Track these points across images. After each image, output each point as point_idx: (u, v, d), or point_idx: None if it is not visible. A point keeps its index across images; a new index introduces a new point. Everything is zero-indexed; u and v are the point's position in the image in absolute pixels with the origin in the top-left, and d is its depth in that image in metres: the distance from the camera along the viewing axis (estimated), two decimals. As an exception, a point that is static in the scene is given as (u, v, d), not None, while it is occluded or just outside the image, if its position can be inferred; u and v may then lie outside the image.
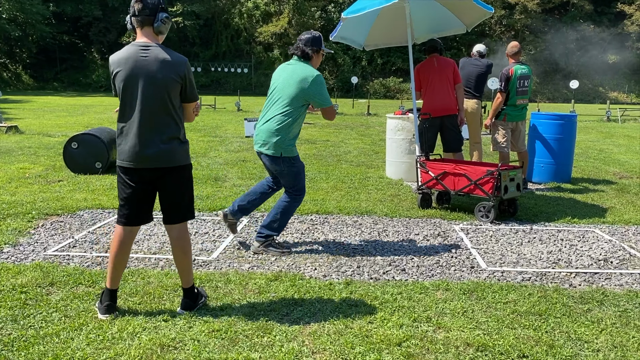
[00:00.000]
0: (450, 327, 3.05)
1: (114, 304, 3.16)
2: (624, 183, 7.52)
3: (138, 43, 3.00)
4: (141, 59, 2.95)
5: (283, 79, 4.24)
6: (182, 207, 3.16)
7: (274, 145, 4.16)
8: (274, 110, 4.22)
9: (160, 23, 3.00)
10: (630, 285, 3.77)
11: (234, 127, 14.34)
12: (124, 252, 3.14)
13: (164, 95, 2.98)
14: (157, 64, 2.95)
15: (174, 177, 3.10)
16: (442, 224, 5.27)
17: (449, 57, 6.77)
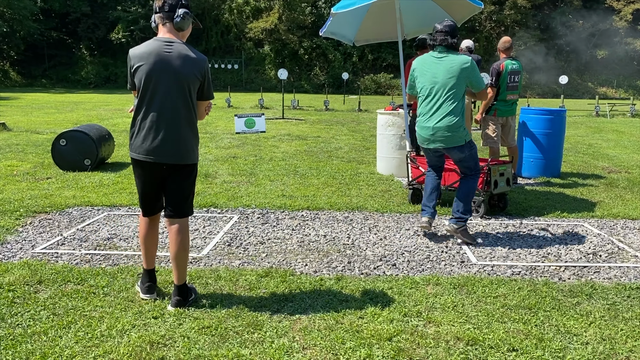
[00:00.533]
0: (440, 322, 3.06)
1: (154, 284, 3.31)
2: (612, 177, 7.58)
3: (161, 38, 3.03)
4: (165, 54, 2.98)
5: (442, 73, 4.40)
6: (187, 202, 3.21)
7: (458, 137, 4.42)
8: (446, 105, 4.39)
9: (180, 18, 3.01)
10: (618, 278, 3.80)
11: (224, 123, 14.28)
12: (151, 235, 3.30)
13: (185, 91, 3.02)
14: (180, 59, 2.99)
15: (185, 173, 3.15)
16: (433, 219, 5.28)
17: None
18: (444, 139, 4.42)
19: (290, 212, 5.45)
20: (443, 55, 4.43)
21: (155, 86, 2.99)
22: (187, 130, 3.08)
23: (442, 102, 4.39)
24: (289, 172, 7.51)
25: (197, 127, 3.17)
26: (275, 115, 17.13)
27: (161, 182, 3.18)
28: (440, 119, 4.40)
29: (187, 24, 3.08)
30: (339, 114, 18.79)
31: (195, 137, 3.14)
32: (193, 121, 3.11)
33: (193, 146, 3.13)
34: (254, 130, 11.32)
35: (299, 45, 40.33)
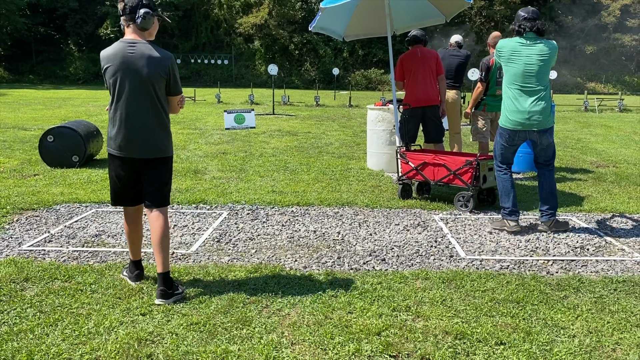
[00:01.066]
0: (429, 316, 3.07)
1: (142, 272, 3.48)
2: (600, 172, 7.64)
3: (126, 40, 3.21)
4: (128, 55, 3.15)
5: (539, 57, 4.51)
6: (162, 193, 3.35)
7: (551, 120, 4.60)
8: (541, 89, 4.54)
9: (141, 19, 3.15)
10: (605, 271, 3.84)
11: (214, 119, 14.23)
12: (135, 228, 3.45)
13: (149, 89, 3.18)
14: (143, 59, 3.15)
15: (158, 166, 3.31)
16: (422, 214, 5.30)
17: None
18: (538, 122, 4.54)
19: (280, 208, 5.44)
20: (533, 42, 4.55)
21: (121, 86, 3.17)
22: (155, 125, 3.24)
23: (536, 86, 4.53)
24: (279, 168, 7.50)
25: (168, 122, 3.33)
26: (265, 111, 17.08)
27: (136, 175, 3.33)
28: (536, 102, 4.53)
29: (150, 23, 3.20)
30: (329, 109, 18.77)
31: (164, 131, 3.29)
32: (162, 117, 3.27)
33: (163, 140, 3.28)
34: (243, 126, 11.28)
35: (290, 40, 40.21)
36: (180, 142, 9.91)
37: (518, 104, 4.57)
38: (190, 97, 21.72)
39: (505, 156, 4.82)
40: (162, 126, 3.27)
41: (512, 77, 4.61)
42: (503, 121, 4.69)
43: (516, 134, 4.64)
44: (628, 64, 42.74)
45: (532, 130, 4.58)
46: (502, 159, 4.83)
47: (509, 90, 4.64)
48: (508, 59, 4.61)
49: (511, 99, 4.61)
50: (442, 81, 6.52)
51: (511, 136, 4.68)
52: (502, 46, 4.66)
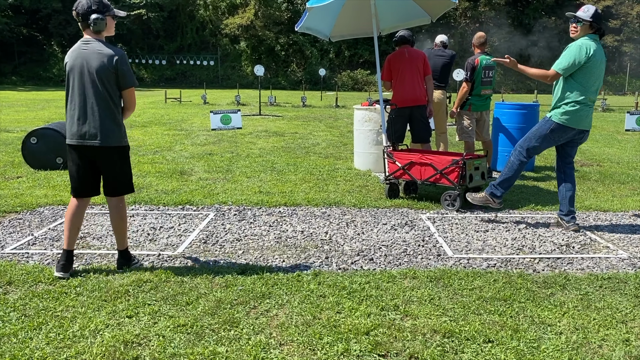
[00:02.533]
0: (417, 315, 3.07)
1: (70, 264, 3.58)
2: (584, 170, 7.72)
3: (82, 39, 3.55)
4: (82, 52, 3.48)
5: (604, 62, 4.59)
6: (121, 182, 3.64)
7: None
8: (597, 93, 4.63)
9: (93, 24, 3.45)
10: (591, 269, 3.87)
11: (200, 120, 14.15)
12: (77, 218, 3.63)
13: (97, 82, 3.45)
14: (93, 55, 3.45)
15: (111, 156, 3.56)
16: (410, 213, 5.31)
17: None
18: (591, 122, 4.67)
19: (267, 208, 5.42)
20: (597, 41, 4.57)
21: (74, 79, 3.49)
22: (104, 116, 3.48)
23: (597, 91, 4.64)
24: (266, 169, 7.47)
25: (118, 114, 3.56)
26: (252, 111, 17.03)
27: (92, 166, 3.59)
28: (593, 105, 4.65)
29: (102, 26, 3.48)
30: (316, 110, 18.77)
31: (114, 122, 3.53)
32: (111, 109, 3.51)
33: (113, 130, 3.52)
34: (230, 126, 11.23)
35: (276, 41, 40.17)
36: (166, 143, 9.83)
37: (586, 105, 4.57)
38: (176, 98, 21.59)
39: (539, 150, 4.80)
40: (112, 117, 3.51)
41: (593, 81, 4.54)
42: (562, 118, 4.58)
43: (569, 132, 4.62)
44: (610, 65, 43.32)
45: (585, 130, 4.64)
46: (535, 151, 4.79)
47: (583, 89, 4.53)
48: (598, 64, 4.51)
49: (579, 100, 4.53)
50: (430, 81, 6.54)
51: (563, 134, 4.63)
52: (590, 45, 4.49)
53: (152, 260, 3.92)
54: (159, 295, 3.29)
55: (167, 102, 21.02)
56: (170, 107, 18.55)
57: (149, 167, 7.45)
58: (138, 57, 40.09)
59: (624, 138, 11.75)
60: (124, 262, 3.74)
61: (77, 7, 3.47)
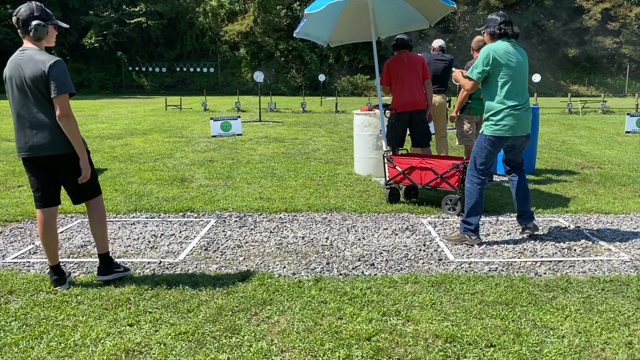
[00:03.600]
0: (419, 320, 3.06)
1: (62, 276, 3.54)
2: (585, 173, 7.71)
3: (20, 48, 3.42)
4: (19, 60, 3.36)
5: (524, 63, 4.47)
6: (90, 185, 3.55)
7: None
8: (527, 95, 4.53)
9: (34, 30, 3.34)
10: (592, 271, 3.86)
11: (200, 127, 14.17)
12: (50, 232, 3.52)
13: (34, 90, 3.32)
14: (29, 63, 3.33)
15: (63, 163, 3.44)
16: (410, 217, 5.30)
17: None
18: (528, 127, 4.54)
19: (268, 214, 5.42)
20: (516, 47, 4.49)
21: (13, 89, 3.38)
22: (47, 123, 3.35)
23: (525, 92, 4.52)
24: (267, 175, 7.47)
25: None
26: (252, 118, 17.06)
27: (48, 175, 3.48)
28: (528, 108, 4.52)
29: (43, 33, 3.38)
30: (316, 115, 18.79)
31: (58, 129, 3.36)
32: (51, 116, 3.35)
33: (54, 138, 3.36)
34: (230, 133, 11.23)
35: (275, 47, 40.28)
36: (167, 150, 9.85)
37: (519, 109, 4.39)
38: (177, 106, 21.63)
39: (488, 166, 4.52)
40: (51, 125, 3.36)
41: (507, 82, 4.39)
42: (493, 130, 4.40)
43: (505, 140, 4.46)
44: (610, 67, 43.39)
45: (521, 135, 4.45)
46: (484, 168, 4.50)
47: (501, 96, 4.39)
48: (505, 63, 4.36)
49: (512, 106, 4.37)
50: (429, 86, 6.55)
51: (498, 143, 4.46)
52: (496, 48, 4.39)
53: (153, 268, 3.91)
54: (160, 303, 3.28)
55: (168, 109, 21.06)
56: (171, 115, 18.58)
57: (149, 174, 7.45)
58: (138, 65, 40.23)
59: (624, 140, 11.74)
60: (104, 269, 3.58)
61: (17, 13, 3.36)
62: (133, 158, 8.92)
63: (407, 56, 6.41)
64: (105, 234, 3.64)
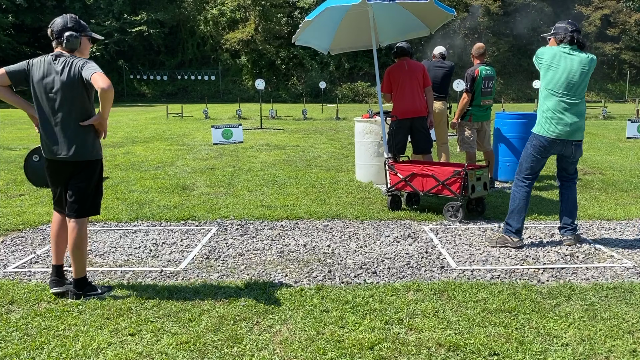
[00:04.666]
0: (421, 328, 3.05)
1: (61, 279, 3.55)
2: (587, 179, 7.70)
3: (53, 53, 3.44)
4: (53, 64, 3.38)
5: (580, 67, 4.41)
6: (77, 201, 3.46)
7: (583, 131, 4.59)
8: (582, 99, 4.49)
9: (66, 41, 3.38)
10: (596, 278, 3.84)
11: (201, 134, 14.18)
12: (62, 233, 3.55)
13: (66, 93, 3.35)
14: (62, 67, 3.35)
15: (81, 169, 3.47)
16: (412, 225, 5.29)
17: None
18: (579, 133, 4.52)
19: (269, 222, 5.41)
20: (576, 52, 4.46)
21: (42, 92, 3.43)
22: (72, 129, 3.38)
23: (576, 97, 4.45)
24: (268, 182, 7.47)
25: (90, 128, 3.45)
26: (253, 125, 17.08)
27: (69, 180, 3.48)
28: (580, 114, 4.49)
29: (76, 44, 3.41)
30: (317, 122, 18.81)
31: (83, 133, 3.40)
32: (79, 120, 3.40)
33: (85, 143, 3.41)
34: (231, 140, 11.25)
35: (276, 55, 40.41)
36: (168, 158, 9.85)
37: (560, 114, 4.43)
38: (178, 113, 21.67)
39: (535, 169, 4.57)
40: (82, 130, 3.41)
41: (552, 85, 4.45)
42: (542, 131, 4.47)
43: (554, 145, 4.47)
44: (610, 73, 43.45)
45: (570, 140, 4.46)
46: (531, 171, 4.56)
47: (549, 99, 4.46)
48: (549, 65, 4.44)
49: (551, 109, 4.44)
50: (429, 93, 6.56)
51: (548, 147, 4.48)
52: (544, 53, 4.50)
53: (155, 277, 3.90)
54: (162, 312, 3.27)
55: (169, 117, 21.10)
56: (172, 122, 18.61)
57: (151, 182, 7.45)
58: (139, 73, 40.35)
59: (625, 146, 11.73)
60: (75, 292, 3.47)
61: (52, 25, 3.42)
62: (134, 166, 8.92)
63: (407, 63, 6.42)
64: (84, 257, 3.50)
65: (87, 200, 3.48)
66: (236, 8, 41.85)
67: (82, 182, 3.45)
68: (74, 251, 3.46)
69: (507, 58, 40.97)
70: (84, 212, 3.48)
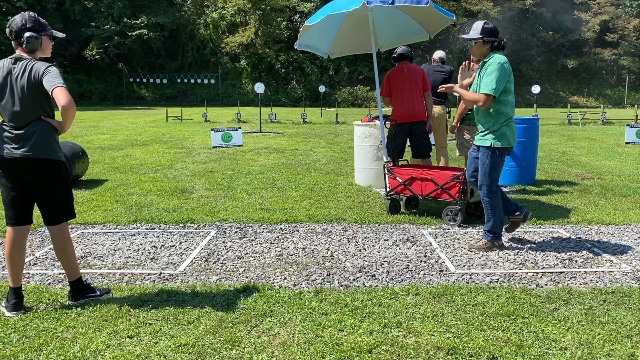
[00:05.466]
0: (420, 332, 3.05)
1: (20, 301, 3.33)
2: (586, 184, 7.71)
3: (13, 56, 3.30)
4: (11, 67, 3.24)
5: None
6: (59, 208, 3.36)
7: None
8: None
9: (26, 42, 3.24)
10: (594, 283, 3.85)
11: (201, 138, 14.19)
12: (17, 251, 3.35)
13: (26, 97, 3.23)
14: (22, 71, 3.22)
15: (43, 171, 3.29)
16: (411, 228, 5.29)
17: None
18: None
19: (268, 225, 5.41)
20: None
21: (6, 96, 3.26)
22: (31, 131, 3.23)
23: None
24: (267, 185, 7.47)
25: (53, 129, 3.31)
26: (252, 129, 17.09)
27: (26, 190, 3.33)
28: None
29: (36, 44, 3.27)
30: (316, 126, 18.83)
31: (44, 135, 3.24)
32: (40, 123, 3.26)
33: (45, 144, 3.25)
34: (231, 144, 11.26)
35: (276, 59, 40.47)
36: (167, 161, 9.86)
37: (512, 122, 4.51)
38: (177, 117, 21.68)
39: (498, 177, 4.56)
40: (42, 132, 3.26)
41: (510, 94, 4.47)
42: (506, 142, 4.45)
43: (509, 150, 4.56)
44: (609, 78, 43.55)
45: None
46: (496, 180, 4.54)
47: (508, 109, 4.46)
48: (510, 74, 4.45)
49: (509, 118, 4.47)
50: (429, 97, 6.58)
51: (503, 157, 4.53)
52: (506, 60, 4.46)
53: (154, 279, 3.90)
54: (160, 314, 3.27)
55: (168, 120, 21.11)
56: (172, 126, 18.62)
57: (150, 185, 7.45)
58: (139, 76, 40.39)
59: (624, 151, 11.76)
60: (74, 294, 3.45)
61: (10, 25, 3.27)
62: (134, 169, 8.92)
63: (407, 68, 6.44)
64: (72, 261, 3.43)
65: (59, 205, 3.36)
66: (236, 12, 41.94)
67: (47, 188, 3.30)
68: (60, 256, 3.40)
69: (506, 63, 41.06)
70: (59, 219, 3.37)
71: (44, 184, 3.30)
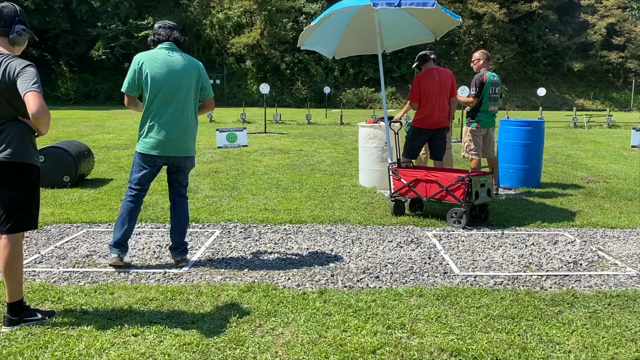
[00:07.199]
0: (424, 333, 3.05)
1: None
2: (591, 187, 7.69)
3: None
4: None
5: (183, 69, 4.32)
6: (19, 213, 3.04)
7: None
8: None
9: (16, 34, 3.05)
10: (599, 286, 3.84)
11: (206, 138, 14.22)
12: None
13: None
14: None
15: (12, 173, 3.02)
16: (415, 230, 5.29)
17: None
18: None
19: (272, 226, 5.42)
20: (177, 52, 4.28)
21: None
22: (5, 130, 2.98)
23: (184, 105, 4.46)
24: (272, 186, 7.48)
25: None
26: (257, 129, 17.12)
27: None
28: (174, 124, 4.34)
29: (23, 40, 3.11)
30: (321, 127, 18.84)
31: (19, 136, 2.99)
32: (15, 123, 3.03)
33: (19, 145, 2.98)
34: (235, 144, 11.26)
35: (281, 60, 40.50)
36: (172, 161, 9.87)
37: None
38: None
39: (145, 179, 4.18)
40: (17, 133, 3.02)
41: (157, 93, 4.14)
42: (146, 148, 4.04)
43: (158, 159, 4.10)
44: (615, 81, 43.38)
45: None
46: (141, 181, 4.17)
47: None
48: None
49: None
50: (454, 103, 6.56)
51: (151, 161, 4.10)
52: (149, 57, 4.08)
53: (158, 278, 3.91)
54: (165, 313, 3.28)
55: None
56: (177, 126, 18.64)
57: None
58: (145, 76, 40.43)
59: (630, 154, 11.71)
60: (10, 319, 3.05)
61: (2, 10, 3.01)
62: (139, 168, 8.94)
63: (437, 72, 6.37)
64: (18, 279, 3.06)
65: (20, 212, 3.03)
66: (242, 13, 42.01)
67: (13, 190, 3.00)
68: (6, 272, 3.01)
69: (512, 65, 40.93)
70: (16, 227, 3.04)
71: (10, 188, 3.00)
